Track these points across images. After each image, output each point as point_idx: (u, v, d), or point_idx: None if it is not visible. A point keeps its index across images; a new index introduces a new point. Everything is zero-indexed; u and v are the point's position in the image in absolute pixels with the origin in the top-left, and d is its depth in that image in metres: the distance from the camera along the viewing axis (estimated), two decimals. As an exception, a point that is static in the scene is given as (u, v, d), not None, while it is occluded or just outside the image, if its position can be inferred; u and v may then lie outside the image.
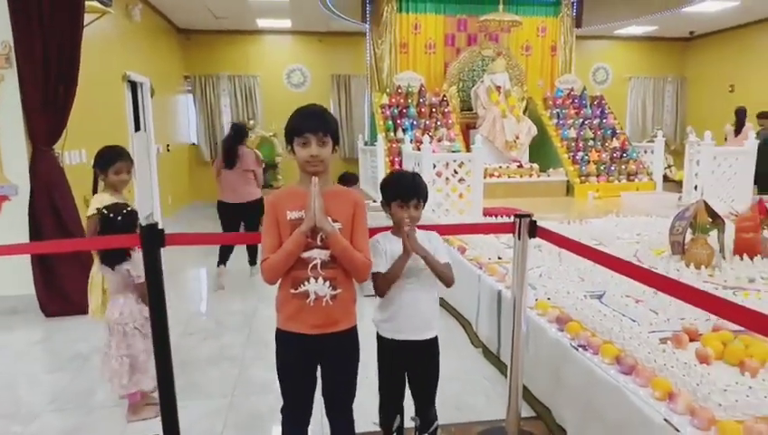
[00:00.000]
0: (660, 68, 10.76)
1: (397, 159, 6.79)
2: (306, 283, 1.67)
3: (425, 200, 1.92)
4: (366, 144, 8.16)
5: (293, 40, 9.73)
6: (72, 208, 4.10)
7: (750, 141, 5.58)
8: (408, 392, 2.06)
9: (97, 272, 2.72)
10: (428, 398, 2.07)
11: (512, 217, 2.11)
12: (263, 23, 8.89)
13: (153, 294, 1.94)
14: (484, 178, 6.76)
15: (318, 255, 1.67)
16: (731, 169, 5.57)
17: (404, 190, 1.89)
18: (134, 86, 6.84)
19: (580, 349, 2.25)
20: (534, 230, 2.10)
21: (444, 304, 4.13)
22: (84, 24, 4.40)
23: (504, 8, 7.58)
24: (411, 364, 2.01)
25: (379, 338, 2.02)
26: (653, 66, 10.75)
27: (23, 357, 3.35)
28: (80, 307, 3.97)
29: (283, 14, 8.30)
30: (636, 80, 10.74)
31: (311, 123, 1.68)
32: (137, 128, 6.95)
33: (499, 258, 3.71)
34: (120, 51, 6.13)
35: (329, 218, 1.65)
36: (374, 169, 7.27)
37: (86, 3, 4.25)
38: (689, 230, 3.46)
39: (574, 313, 2.60)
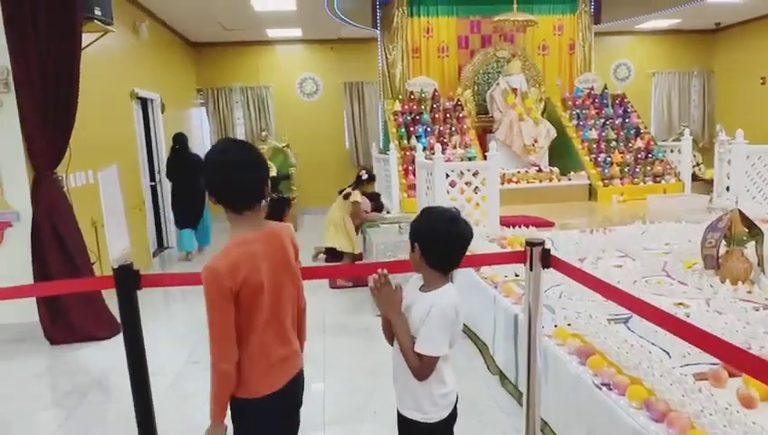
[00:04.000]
0: (686, 62, 10.31)
1: (410, 168, 6.60)
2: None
3: (419, 242, 1.57)
4: (380, 152, 7.98)
5: (305, 48, 9.62)
6: (76, 234, 4.02)
7: (786, 139, 5.22)
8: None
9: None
10: None
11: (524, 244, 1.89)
12: (273, 33, 8.79)
13: (130, 341, 1.79)
14: (502, 184, 6.53)
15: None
16: (766, 168, 5.21)
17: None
18: (144, 103, 6.81)
19: (603, 388, 2.02)
20: (548, 260, 1.88)
21: (459, 323, 3.92)
22: (86, 44, 4.35)
23: (519, 8, 7.31)
24: None
25: None
26: (678, 60, 10.31)
27: (21, 391, 3.25)
28: (84, 335, 3.90)
29: (292, 23, 8.19)
30: (660, 75, 10.32)
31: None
32: (148, 145, 6.91)
33: (516, 275, 3.48)
34: (127, 68, 6.08)
35: None
36: (388, 177, 7.08)
37: (87, 23, 4.17)
38: (723, 242, 3.18)
39: (597, 342, 2.36)
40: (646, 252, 3.93)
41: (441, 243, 1.55)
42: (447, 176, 4.98)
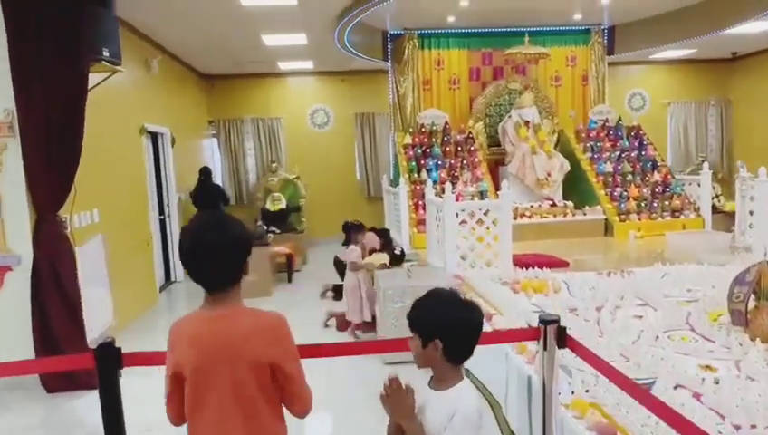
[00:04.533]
0: (702, 91, 10.14)
1: (421, 202, 6.48)
2: None
3: (443, 338, 1.40)
4: (391, 185, 7.88)
5: (316, 80, 9.65)
6: (75, 278, 3.93)
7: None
8: None
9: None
10: None
11: (537, 324, 1.73)
12: (284, 65, 8.84)
13: (109, 424, 1.65)
14: (515, 218, 6.39)
15: None
16: (792, 208, 5.00)
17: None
18: (154, 137, 6.81)
19: (627, 476, 1.83)
20: (563, 340, 1.72)
21: (469, 377, 3.73)
22: (93, 84, 4.33)
23: (531, 40, 7.27)
24: None
25: None
26: (694, 89, 10.14)
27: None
28: (81, 383, 3.77)
29: (303, 56, 8.22)
30: (676, 104, 10.16)
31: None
32: (158, 179, 6.89)
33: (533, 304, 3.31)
34: (138, 103, 6.09)
35: None
36: (397, 212, 6.96)
37: (94, 64, 4.15)
38: (752, 296, 2.99)
39: (619, 416, 2.18)
40: (667, 300, 3.73)
41: (467, 333, 1.42)
42: (457, 215, 4.85)
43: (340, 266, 5.77)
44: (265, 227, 7.00)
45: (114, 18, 4.28)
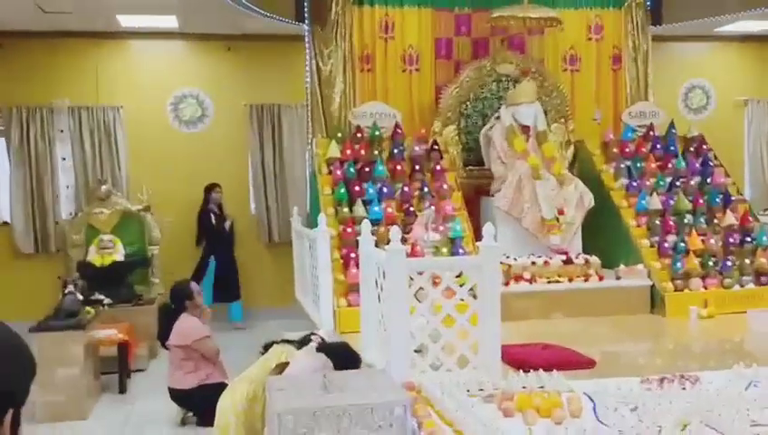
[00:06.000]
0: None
1: (353, 256, 6.28)
2: None
3: None
4: (306, 225, 7.68)
5: (184, 48, 9.59)
6: None
7: None
8: None
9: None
10: None
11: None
12: (127, 20, 8.66)
13: None
14: (506, 283, 6.35)
15: None
16: None
17: None
18: None
19: None
20: None
21: None
22: None
23: (533, -3, 7.41)
24: None
25: None
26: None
27: None
28: None
29: (163, 8, 8.05)
30: (756, 104, 10.61)
31: None
32: None
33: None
34: None
35: None
36: (314, 269, 6.71)
37: None
38: None
39: None
40: (755, 430, 3.63)
41: None
42: (412, 279, 4.68)
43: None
44: (81, 297, 6.60)
45: None
